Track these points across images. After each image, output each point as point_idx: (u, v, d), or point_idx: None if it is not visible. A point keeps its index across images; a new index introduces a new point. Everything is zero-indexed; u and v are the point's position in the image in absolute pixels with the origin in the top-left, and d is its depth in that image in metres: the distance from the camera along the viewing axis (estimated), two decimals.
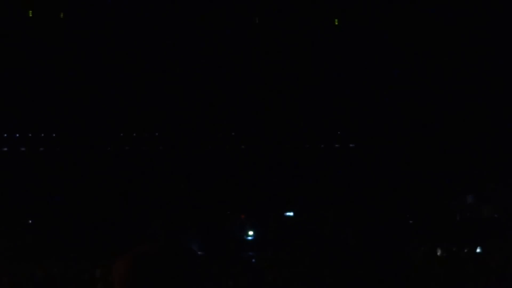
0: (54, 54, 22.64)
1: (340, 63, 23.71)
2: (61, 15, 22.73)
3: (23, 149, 23.12)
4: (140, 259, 2.79)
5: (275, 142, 23.90)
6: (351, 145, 24.48)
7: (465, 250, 15.01)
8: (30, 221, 21.77)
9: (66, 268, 14.36)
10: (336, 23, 24.12)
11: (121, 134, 23.70)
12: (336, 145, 24.50)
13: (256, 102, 23.45)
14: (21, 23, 22.69)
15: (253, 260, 16.45)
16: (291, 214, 22.40)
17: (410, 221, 22.35)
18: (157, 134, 23.86)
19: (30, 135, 23.15)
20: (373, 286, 3.59)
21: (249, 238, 21.65)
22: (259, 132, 23.97)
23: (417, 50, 23.29)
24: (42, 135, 23.22)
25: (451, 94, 23.11)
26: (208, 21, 23.23)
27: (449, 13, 23.01)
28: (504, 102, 22.73)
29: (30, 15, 22.65)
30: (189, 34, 23.06)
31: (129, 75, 22.94)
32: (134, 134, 23.75)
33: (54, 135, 23.34)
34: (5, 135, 23.04)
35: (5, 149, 23.09)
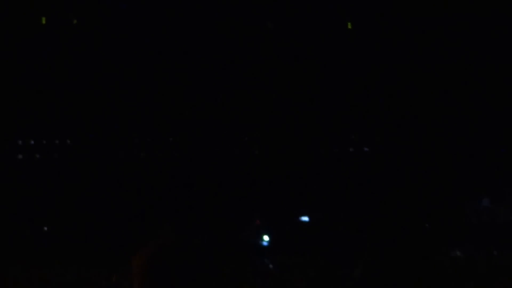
0: (68, 60, 22.73)
1: (354, 66, 23.67)
2: (74, 21, 22.83)
3: (37, 156, 23.20)
4: (159, 250, 2.78)
5: (290, 146, 23.87)
6: (366, 148, 24.43)
7: (481, 253, 14.97)
8: (45, 228, 21.84)
9: (80, 273, 14.39)
10: (349, 27, 24.10)
11: (135, 139, 23.74)
12: (351, 149, 24.46)
13: (271, 106, 23.44)
14: (34, 30, 22.79)
15: (271, 265, 16.46)
16: (306, 218, 22.38)
17: (426, 225, 22.30)
18: (171, 139, 23.89)
19: (44, 141, 23.22)
20: None
21: (265, 243, 21.63)
22: (274, 136, 23.95)
23: (434, 56, 23.24)
24: (57, 141, 23.29)
25: (467, 96, 23.04)
26: (225, 27, 23.26)
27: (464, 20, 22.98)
28: None
29: (44, 22, 22.75)
30: (202, 44, 23.08)
31: (145, 82, 22.99)
32: (149, 139, 23.79)
33: (68, 141, 23.42)
34: (20, 142, 23.13)
35: (20, 156, 23.18)
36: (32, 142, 23.13)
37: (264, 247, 21.24)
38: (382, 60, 23.32)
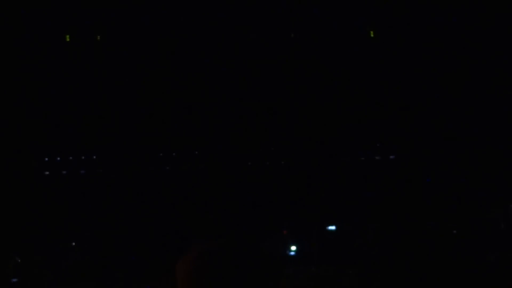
0: (93, 77, 22.87)
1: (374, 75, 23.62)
2: (98, 37, 22.97)
3: (64, 172, 23.34)
4: (205, 256, 2.76)
5: (316, 157, 23.86)
6: (391, 156, 24.37)
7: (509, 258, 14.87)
8: (73, 243, 21.94)
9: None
10: (372, 35, 24.08)
11: (161, 154, 23.83)
12: (377, 157, 24.40)
13: (294, 116, 23.45)
14: (58, 48, 22.96)
15: (300, 276, 16.46)
16: (333, 228, 22.35)
17: (454, 231, 22.20)
18: (196, 152, 23.95)
19: (70, 158, 23.36)
20: None
21: (292, 253, 21.63)
22: (299, 147, 23.96)
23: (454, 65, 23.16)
24: (83, 157, 23.42)
25: (489, 100, 22.94)
26: (240, 40, 23.32)
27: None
28: None
29: (68, 40, 22.92)
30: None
31: (167, 99, 23.08)
32: (174, 154, 23.88)
33: (94, 157, 23.54)
34: (46, 159, 23.28)
35: (47, 172, 23.33)
36: (58, 158, 23.29)
37: (291, 257, 21.24)
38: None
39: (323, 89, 23.34)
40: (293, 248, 21.62)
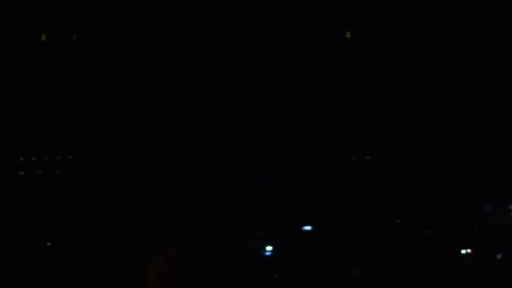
0: (69, 77, 22.75)
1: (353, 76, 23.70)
2: (74, 37, 22.87)
3: (39, 172, 23.23)
4: (175, 260, 2.75)
5: (292, 157, 23.88)
6: (367, 157, 24.43)
7: (485, 258, 14.98)
8: (49, 244, 21.84)
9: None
10: (348, 36, 24.13)
11: (137, 154, 23.76)
12: (352, 158, 24.46)
13: (271, 116, 23.46)
14: (34, 47, 22.83)
15: (275, 276, 16.46)
16: (309, 228, 22.37)
17: (429, 231, 22.32)
18: (173, 152, 23.91)
19: (46, 158, 23.24)
20: None
21: (267, 253, 21.64)
22: (276, 148, 23.97)
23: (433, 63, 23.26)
24: (58, 157, 23.31)
25: (467, 100, 23.06)
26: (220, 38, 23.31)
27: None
28: None
29: (44, 39, 22.79)
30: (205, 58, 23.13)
31: (145, 99, 23.02)
32: (150, 154, 23.83)
33: (70, 157, 23.44)
34: (22, 159, 23.15)
35: (22, 173, 23.20)
36: (33, 157, 23.17)
37: (267, 257, 21.25)
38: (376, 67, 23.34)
39: (299, 91, 23.38)
40: (269, 248, 21.64)
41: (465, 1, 22.95)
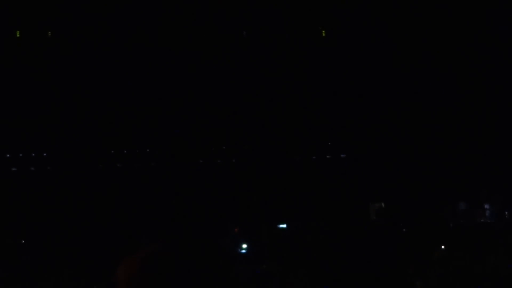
0: (44, 74, 22.64)
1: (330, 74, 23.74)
2: (49, 34, 22.76)
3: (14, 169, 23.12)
4: (146, 260, 2.73)
5: (267, 154, 23.91)
6: (342, 155, 24.53)
7: (459, 256, 15.04)
8: (23, 241, 21.72)
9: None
10: (324, 34, 24.20)
11: (112, 151, 23.69)
12: (328, 156, 24.55)
13: (245, 115, 23.48)
14: (9, 44, 22.71)
15: (257, 271, 16.44)
16: (284, 226, 22.41)
17: (404, 229, 22.41)
18: (148, 150, 23.86)
19: (20, 155, 23.12)
20: None
21: (243, 251, 21.64)
22: (250, 145, 23.99)
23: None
24: (33, 155, 23.21)
25: (442, 98, 23.18)
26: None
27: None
28: (499, 107, 22.80)
29: (18, 36, 22.68)
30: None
31: (123, 99, 22.94)
32: (125, 151, 23.76)
33: (45, 154, 23.33)
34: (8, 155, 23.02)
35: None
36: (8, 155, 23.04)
37: (242, 255, 21.26)
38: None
39: (274, 89, 23.41)
40: (244, 246, 21.64)
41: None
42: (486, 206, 22.18)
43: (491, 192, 22.55)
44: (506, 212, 22.01)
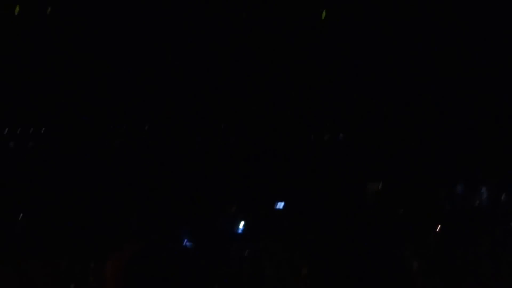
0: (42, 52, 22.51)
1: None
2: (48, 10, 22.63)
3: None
4: (132, 259, 2.73)
5: (265, 133, 23.93)
6: (341, 135, 24.53)
7: (456, 238, 15.14)
8: (21, 215, 21.73)
9: (58, 259, 14.39)
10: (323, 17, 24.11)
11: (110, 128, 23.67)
12: (326, 136, 24.55)
13: (244, 94, 23.44)
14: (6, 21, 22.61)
15: (248, 252, 16.52)
16: (282, 204, 22.44)
17: (400, 210, 22.49)
18: (146, 127, 23.86)
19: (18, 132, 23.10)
20: (367, 277, 3.62)
21: (240, 230, 21.73)
22: (248, 124, 23.99)
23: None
24: (31, 131, 23.19)
25: (439, 81, 23.17)
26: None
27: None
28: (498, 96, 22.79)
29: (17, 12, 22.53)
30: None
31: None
32: (124, 127, 23.75)
33: (43, 130, 23.32)
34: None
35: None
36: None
37: (240, 233, 21.33)
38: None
39: (273, 66, 23.38)
40: (242, 224, 21.72)
41: None
42: (483, 189, 22.24)
43: (488, 174, 22.61)
44: (503, 195, 22.09)
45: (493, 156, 22.17)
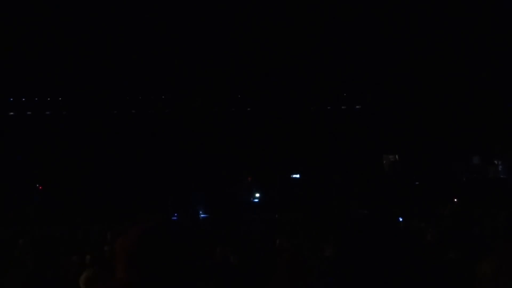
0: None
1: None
2: None
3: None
4: (145, 234, 2.75)
5: (281, 105, 23.95)
6: (357, 106, 24.55)
7: (471, 210, 15.11)
8: (38, 186, 21.91)
9: (74, 230, 14.51)
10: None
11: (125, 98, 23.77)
12: (343, 107, 24.57)
13: (260, 68, 23.40)
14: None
15: (262, 222, 16.55)
16: (297, 176, 22.52)
17: (416, 183, 22.51)
18: (163, 96, 23.93)
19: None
20: (375, 251, 3.64)
21: (256, 200, 21.81)
22: (264, 95, 24.02)
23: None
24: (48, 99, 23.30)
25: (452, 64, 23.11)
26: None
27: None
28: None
29: None
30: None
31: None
32: (140, 97, 23.86)
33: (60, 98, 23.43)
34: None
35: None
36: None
37: (255, 203, 21.43)
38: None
39: (291, 45, 23.33)
40: (257, 195, 21.78)
41: None
42: (499, 162, 22.20)
43: (504, 148, 22.57)
44: None
45: (509, 129, 22.13)
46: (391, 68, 23.47)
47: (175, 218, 19.67)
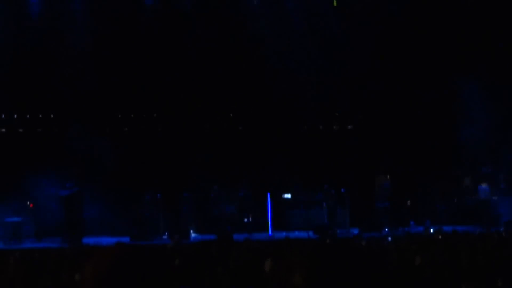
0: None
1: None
2: None
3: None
4: (108, 260, 2.81)
5: (273, 125, 23.83)
6: (349, 126, 24.48)
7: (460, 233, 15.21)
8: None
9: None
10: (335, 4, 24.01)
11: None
12: (334, 127, 24.50)
13: (252, 83, 23.27)
14: None
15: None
16: (289, 196, 22.40)
17: (408, 201, 22.56)
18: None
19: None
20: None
21: (247, 220, 21.75)
22: (257, 115, 23.93)
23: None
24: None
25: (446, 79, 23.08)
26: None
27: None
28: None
29: None
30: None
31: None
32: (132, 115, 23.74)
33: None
34: None
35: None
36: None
37: (247, 223, 21.32)
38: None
39: (282, 57, 23.29)
40: (250, 216, 21.72)
41: None
42: (485, 185, 22.18)
43: (494, 169, 22.63)
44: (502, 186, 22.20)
45: (500, 152, 22.13)
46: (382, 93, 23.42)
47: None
